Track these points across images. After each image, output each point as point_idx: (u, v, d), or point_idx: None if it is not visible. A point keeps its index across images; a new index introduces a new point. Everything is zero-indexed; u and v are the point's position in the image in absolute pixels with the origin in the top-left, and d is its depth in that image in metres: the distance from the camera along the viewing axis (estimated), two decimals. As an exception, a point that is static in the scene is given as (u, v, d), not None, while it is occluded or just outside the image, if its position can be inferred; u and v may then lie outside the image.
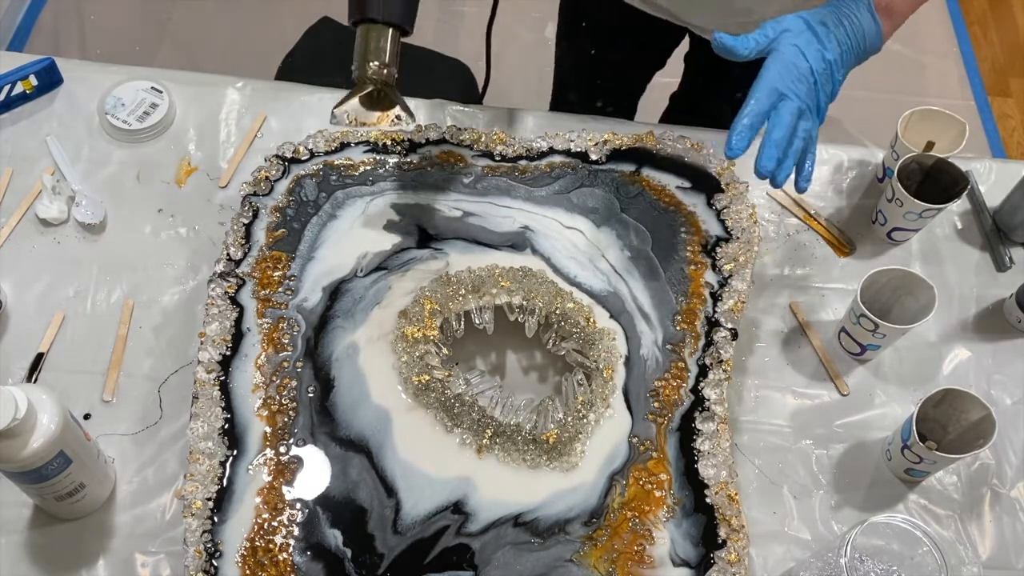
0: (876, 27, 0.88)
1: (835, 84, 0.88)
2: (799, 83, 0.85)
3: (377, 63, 0.90)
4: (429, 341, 0.93)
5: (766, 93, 0.85)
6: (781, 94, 0.85)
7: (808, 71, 0.85)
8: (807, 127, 0.86)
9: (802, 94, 0.85)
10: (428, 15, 1.18)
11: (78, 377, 0.95)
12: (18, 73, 1.10)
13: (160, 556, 0.86)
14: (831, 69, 0.87)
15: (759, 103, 0.84)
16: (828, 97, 0.88)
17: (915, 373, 1.01)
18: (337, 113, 0.92)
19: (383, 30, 0.90)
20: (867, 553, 0.84)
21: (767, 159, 0.84)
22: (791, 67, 0.85)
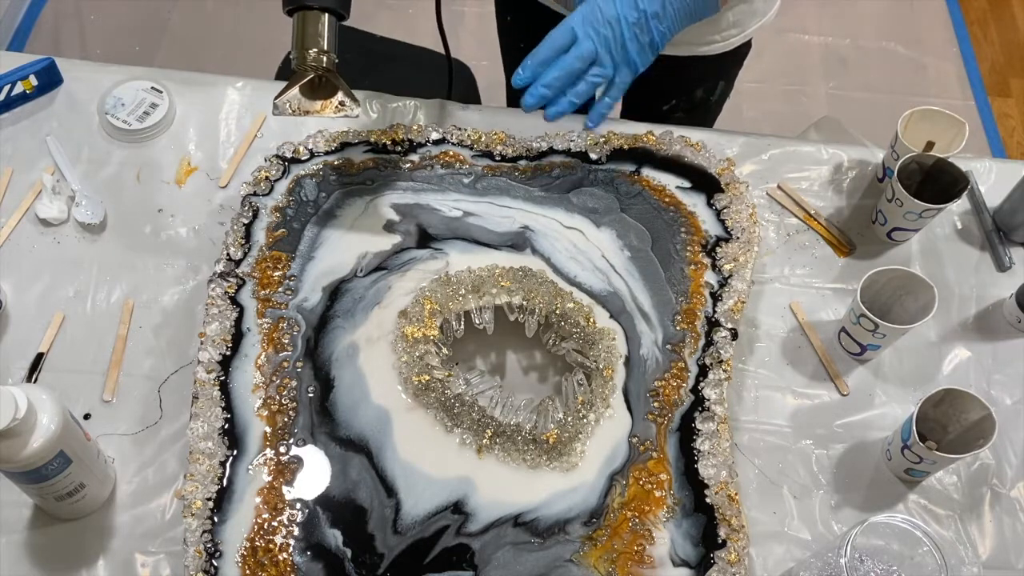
0: None
1: (654, 34, 0.89)
2: (601, 27, 0.88)
3: (315, 50, 0.90)
4: (429, 341, 0.93)
5: (560, 33, 0.88)
6: (576, 36, 0.88)
7: (614, 17, 0.87)
8: (601, 72, 0.89)
9: (601, 40, 0.88)
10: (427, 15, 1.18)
11: (78, 377, 0.95)
12: (18, 73, 1.10)
13: (160, 556, 0.86)
14: (645, 19, 0.88)
15: (551, 41, 0.88)
16: (643, 47, 0.90)
17: (915, 373, 1.01)
18: (278, 103, 0.92)
19: (319, 16, 0.90)
20: (867, 553, 0.84)
21: (529, 95, 0.89)
22: (596, 11, 0.87)
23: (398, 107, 1.14)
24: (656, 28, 0.89)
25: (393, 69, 1.56)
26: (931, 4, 2.56)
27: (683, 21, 0.91)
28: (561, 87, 0.90)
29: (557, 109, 0.91)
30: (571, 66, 0.89)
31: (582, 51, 0.88)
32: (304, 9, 0.89)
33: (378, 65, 1.56)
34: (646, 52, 0.91)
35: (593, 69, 0.89)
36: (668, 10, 0.89)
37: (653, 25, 0.88)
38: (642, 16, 0.88)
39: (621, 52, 0.89)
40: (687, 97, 1.24)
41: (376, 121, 1.13)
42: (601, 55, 0.89)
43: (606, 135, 1.08)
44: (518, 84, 0.90)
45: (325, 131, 1.06)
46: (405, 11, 2.37)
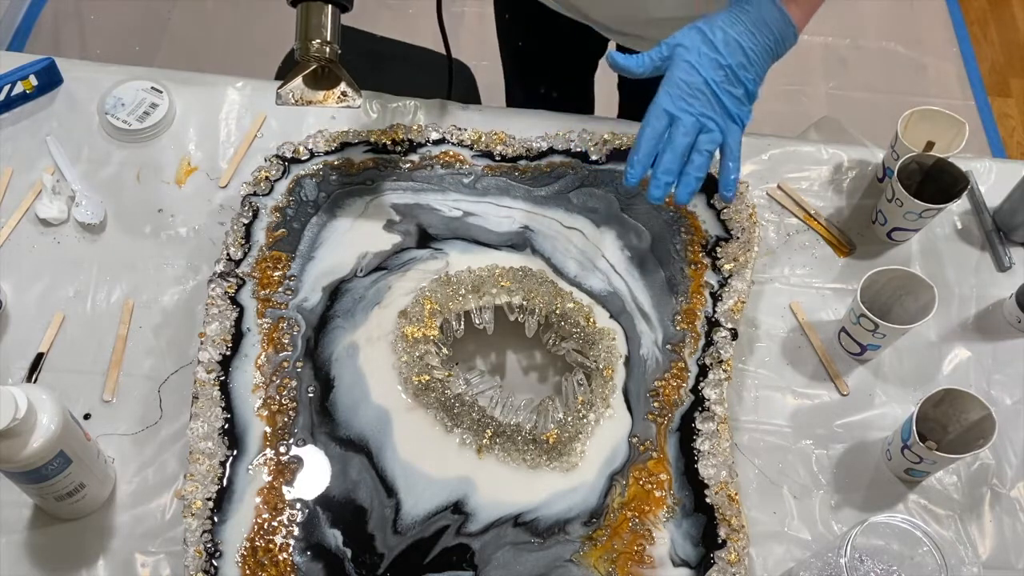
0: (781, 15, 0.87)
1: (747, 84, 0.87)
2: (692, 99, 0.85)
3: (319, 40, 0.90)
4: (429, 341, 0.93)
5: (655, 117, 0.86)
6: (672, 116, 0.85)
7: (702, 83, 0.85)
8: (711, 139, 0.86)
9: (697, 109, 0.85)
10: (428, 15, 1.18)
11: (78, 377, 0.95)
12: (18, 73, 1.10)
13: (160, 556, 0.86)
14: (733, 73, 0.86)
15: (651, 130, 0.86)
16: (741, 100, 0.87)
17: (915, 373, 1.01)
18: (282, 93, 0.92)
19: (322, 7, 0.90)
20: (867, 553, 0.84)
21: (654, 188, 0.86)
22: (681, 85, 0.85)
23: (398, 107, 1.14)
24: (746, 78, 0.87)
25: (393, 69, 1.55)
26: (931, 4, 2.56)
27: (768, 62, 0.89)
28: (679, 169, 0.87)
29: (687, 190, 0.87)
30: (681, 144, 0.86)
31: (686, 126, 0.85)
32: (308, 0, 0.90)
33: (378, 65, 1.56)
34: (743, 103, 0.88)
35: (702, 138, 0.86)
36: (752, 57, 0.87)
37: (742, 76, 0.86)
38: (728, 72, 0.86)
39: (722, 112, 0.87)
40: None
41: (376, 121, 1.13)
42: (704, 123, 0.86)
43: (606, 135, 1.08)
44: (632, 183, 0.87)
45: (325, 131, 1.06)
46: (405, 11, 2.37)
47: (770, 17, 0.87)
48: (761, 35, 0.87)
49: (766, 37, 0.87)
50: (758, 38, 0.87)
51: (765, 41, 0.87)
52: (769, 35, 0.87)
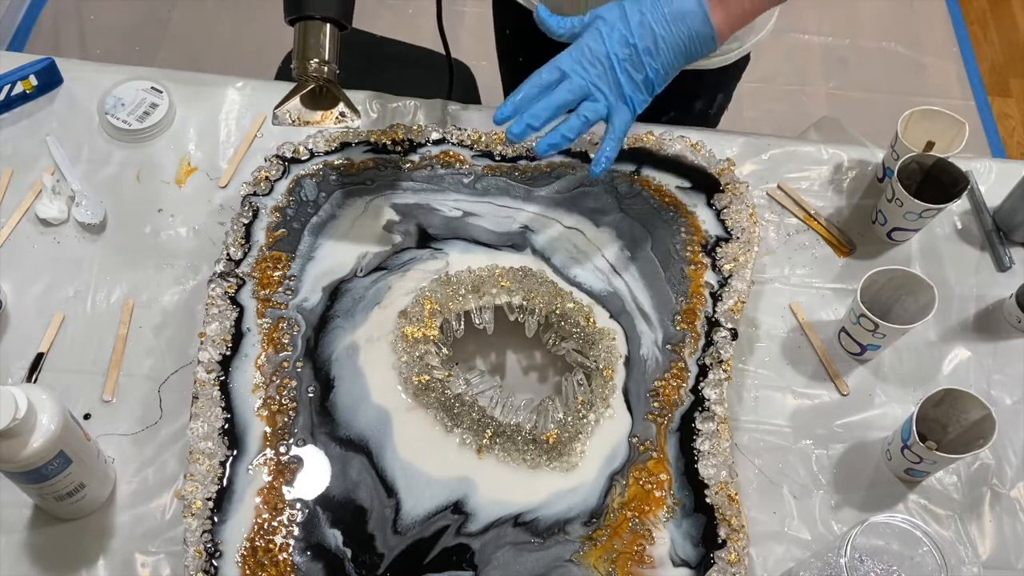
0: (700, 10, 0.86)
1: (647, 71, 0.86)
2: (590, 66, 0.85)
3: (317, 60, 0.89)
4: (429, 341, 0.93)
5: (548, 69, 0.86)
6: (564, 73, 0.86)
7: (604, 55, 0.85)
8: (594, 108, 0.86)
9: (591, 76, 0.85)
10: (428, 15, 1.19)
11: (78, 377, 0.95)
12: (18, 73, 1.10)
13: (160, 556, 0.86)
14: (637, 54, 0.86)
15: (538, 78, 0.86)
16: (638, 85, 0.87)
17: (915, 373, 1.01)
18: (278, 113, 0.91)
19: (321, 26, 0.89)
20: (867, 553, 0.84)
21: (515, 125, 0.86)
22: (585, 50, 0.86)
23: (398, 107, 1.14)
24: (649, 64, 0.86)
25: (393, 69, 1.56)
26: (931, 4, 2.57)
27: (678, 58, 0.88)
28: (549, 119, 0.87)
29: (549, 140, 0.87)
30: (560, 99, 0.86)
31: (572, 85, 0.86)
32: (306, 19, 0.89)
33: (378, 65, 1.56)
34: (641, 90, 0.88)
35: (585, 104, 0.86)
36: (661, 46, 0.86)
37: (646, 61, 0.86)
38: (633, 52, 0.86)
39: (615, 88, 0.87)
40: (685, 109, 1.24)
41: (376, 121, 1.13)
42: (592, 91, 0.86)
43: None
44: (498, 120, 0.87)
45: (325, 131, 1.06)
46: (405, 11, 2.37)
47: (688, 10, 0.86)
48: (676, 27, 0.86)
49: (680, 30, 0.86)
50: (672, 29, 0.86)
51: (679, 33, 0.86)
52: (684, 29, 0.86)
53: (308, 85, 0.90)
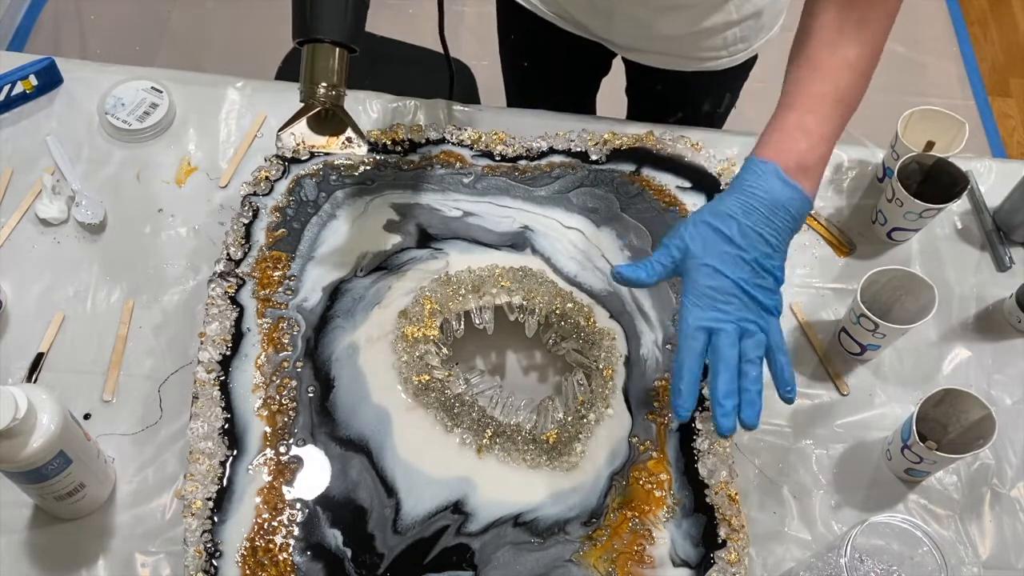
0: (797, 194, 0.79)
1: (774, 272, 0.79)
2: (725, 305, 0.77)
3: (325, 84, 0.86)
4: (429, 341, 0.93)
5: (692, 336, 0.77)
6: (710, 330, 0.77)
7: (731, 285, 0.77)
8: (757, 343, 0.77)
9: (733, 316, 0.77)
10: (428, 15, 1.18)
11: (78, 377, 0.95)
12: (18, 73, 1.10)
13: (160, 556, 0.86)
14: (759, 265, 0.78)
15: (689, 352, 0.77)
16: (771, 289, 0.79)
17: (915, 373, 1.01)
18: (283, 136, 0.89)
19: (331, 50, 0.86)
20: (867, 553, 0.84)
21: (722, 418, 0.75)
22: (709, 292, 0.77)
23: (398, 107, 1.14)
24: (772, 266, 0.78)
25: (393, 69, 1.56)
26: (931, 4, 2.56)
27: (789, 240, 0.80)
28: (737, 386, 0.77)
29: (755, 410, 0.77)
30: (732, 360, 0.76)
31: (730, 337, 0.76)
32: (315, 42, 0.86)
33: (378, 65, 1.56)
34: (774, 293, 0.79)
35: (747, 345, 0.77)
36: (774, 244, 0.78)
37: (768, 265, 0.78)
38: (754, 266, 0.77)
39: (757, 310, 0.78)
40: (694, 110, 1.24)
41: (376, 121, 1.13)
42: (745, 327, 0.77)
43: (606, 135, 1.08)
44: (686, 417, 0.77)
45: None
46: (405, 11, 2.37)
47: (785, 198, 0.78)
48: (779, 219, 0.78)
49: (784, 220, 0.78)
50: (776, 223, 0.78)
51: (784, 224, 0.79)
52: (787, 217, 0.79)
53: (314, 108, 0.88)
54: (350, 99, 1.12)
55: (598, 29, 1.14)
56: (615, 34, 1.13)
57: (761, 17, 1.09)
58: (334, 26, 0.86)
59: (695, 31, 1.08)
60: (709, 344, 0.77)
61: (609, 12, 1.09)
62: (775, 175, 0.79)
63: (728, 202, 0.79)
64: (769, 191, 0.78)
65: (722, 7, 1.06)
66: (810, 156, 0.80)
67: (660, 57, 1.14)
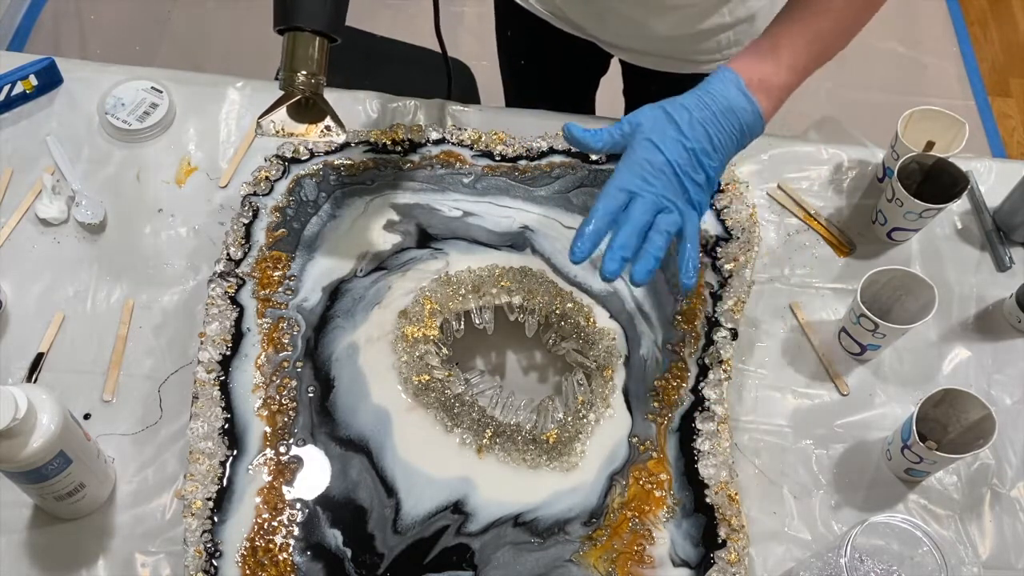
0: (751, 105, 0.83)
1: (708, 171, 0.83)
2: (654, 178, 0.81)
3: (305, 72, 0.86)
4: (429, 341, 0.93)
5: (612, 194, 0.80)
6: (631, 192, 0.81)
7: (664, 163, 0.81)
8: (671, 220, 0.81)
9: (659, 189, 0.81)
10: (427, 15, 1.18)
11: (78, 377, 0.95)
12: (18, 73, 1.10)
13: (160, 556, 0.86)
14: (696, 157, 0.82)
15: (605, 205, 0.80)
16: (702, 186, 0.83)
17: (915, 373, 1.01)
18: (263, 123, 0.89)
19: (310, 39, 0.86)
20: (867, 553, 0.84)
21: (609, 261, 0.79)
22: (643, 163, 0.81)
23: (398, 107, 1.14)
24: (708, 164, 0.82)
25: (393, 69, 1.56)
26: (931, 4, 2.56)
27: (733, 151, 0.85)
28: (637, 246, 0.80)
29: (646, 267, 0.80)
30: (640, 221, 0.80)
31: (646, 203, 0.80)
32: (295, 30, 0.87)
33: (378, 65, 1.56)
34: (704, 190, 0.83)
35: (661, 218, 0.81)
36: (716, 143, 0.83)
37: (704, 162, 0.82)
38: (691, 156, 0.82)
39: (683, 196, 0.82)
40: None
41: (376, 121, 1.13)
42: (664, 204, 0.81)
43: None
44: (578, 259, 0.80)
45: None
46: (405, 11, 2.37)
47: (738, 106, 0.83)
48: (727, 123, 0.83)
49: (732, 125, 0.83)
50: (724, 125, 0.83)
51: (731, 129, 0.83)
52: (735, 124, 0.83)
53: (294, 96, 0.88)
54: (350, 99, 1.13)
55: (592, 29, 1.14)
56: (609, 34, 1.13)
57: (755, 21, 1.09)
58: (314, 14, 0.86)
59: (689, 33, 1.08)
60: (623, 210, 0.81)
61: (603, 12, 1.10)
62: (735, 84, 0.84)
63: (686, 97, 0.84)
64: (726, 96, 0.83)
65: (716, 10, 1.06)
66: (774, 78, 0.85)
67: (654, 59, 1.14)
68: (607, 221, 0.80)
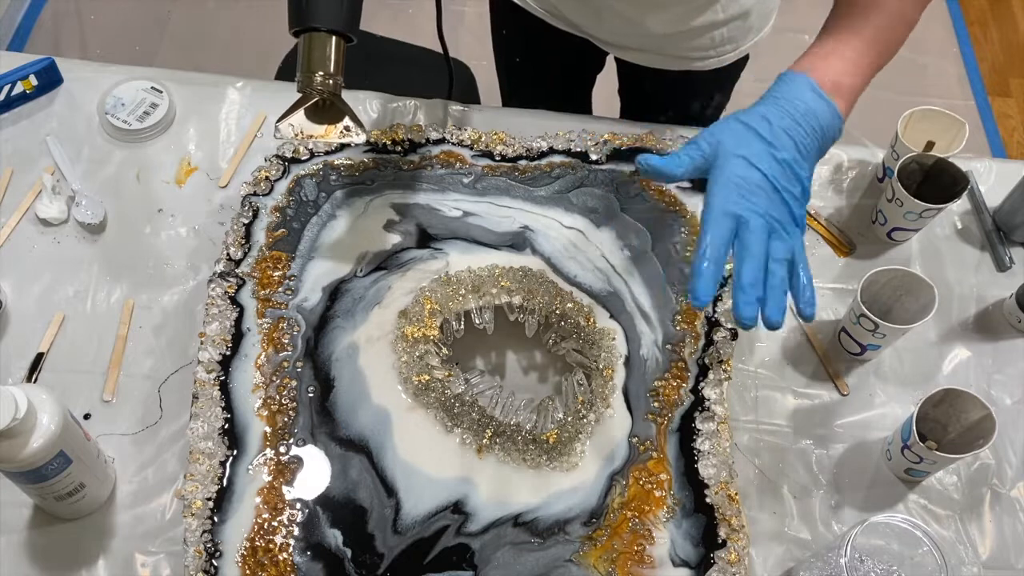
0: (829, 108, 0.79)
1: (803, 182, 0.77)
2: (755, 197, 0.74)
3: (323, 73, 0.86)
4: (429, 341, 0.93)
5: (718, 221, 0.73)
6: (738, 217, 0.74)
7: (761, 179, 0.75)
8: (785, 246, 0.75)
9: (762, 208, 0.74)
10: (428, 15, 1.18)
11: (78, 377, 0.95)
12: (18, 73, 1.10)
13: (160, 556, 0.86)
14: (790, 168, 0.76)
15: (715, 236, 0.73)
16: (799, 199, 0.77)
17: (915, 373, 1.01)
18: (281, 127, 0.89)
19: (327, 39, 0.86)
20: (867, 553, 0.84)
21: (744, 306, 0.72)
22: (740, 182, 0.74)
23: (398, 107, 1.14)
24: (801, 174, 0.77)
25: (393, 69, 1.55)
26: (931, 4, 2.56)
27: (817, 157, 0.80)
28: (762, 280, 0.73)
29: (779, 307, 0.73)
30: (759, 251, 0.73)
31: (758, 230, 0.73)
32: (311, 31, 0.86)
33: (378, 65, 1.56)
34: (802, 204, 0.77)
35: (775, 246, 0.74)
36: (803, 151, 0.77)
37: (798, 171, 0.77)
38: (785, 166, 0.76)
39: (787, 213, 0.76)
40: (682, 110, 1.24)
41: (376, 121, 1.13)
42: (772, 225, 0.74)
43: (606, 135, 1.08)
44: (703, 303, 0.73)
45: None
46: (405, 11, 2.37)
47: (818, 109, 0.78)
48: (809, 127, 0.78)
49: (814, 129, 0.78)
50: (806, 131, 0.78)
51: (813, 133, 0.78)
52: (817, 127, 0.78)
53: (312, 98, 0.87)
54: (350, 99, 1.12)
55: (587, 26, 1.14)
56: (604, 31, 1.14)
57: (748, 18, 1.09)
58: (330, 14, 0.86)
59: (682, 30, 1.08)
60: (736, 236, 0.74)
61: (598, 9, 1.10)
62: (808, 86, 0.79)
63: (759, 107, 0.78)
64: (802, 99, 0.78)
65: (709, 7, 1.06)
66: (845, 79, 0.80)
67: (648, 56, 1.14)
68: (722, 252, 0.73)
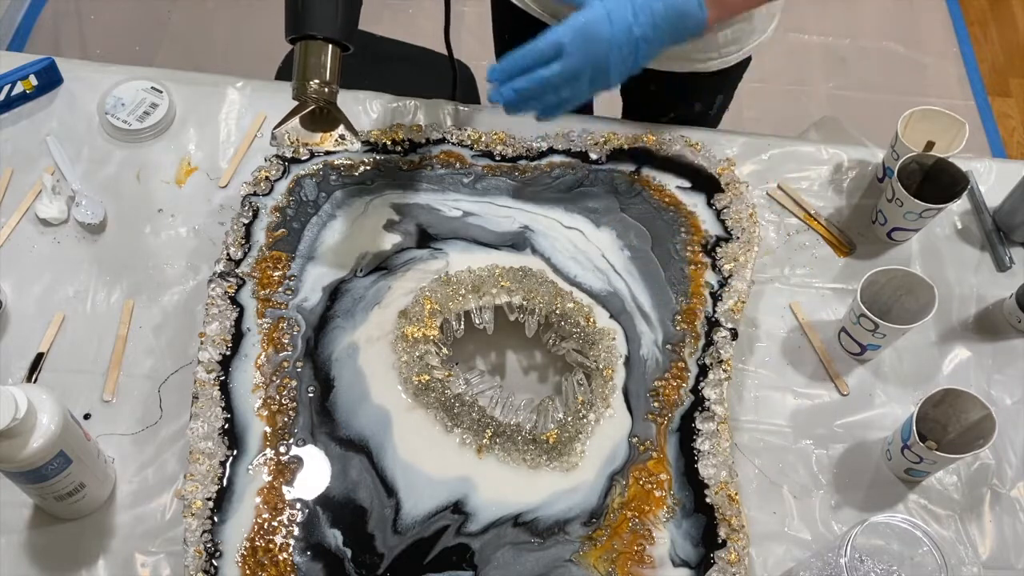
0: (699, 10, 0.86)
1: (639, 58, 0.86)
2: (592, 46, 0.84)
3: (318, 81, 0.86)
4: (429, 341, 0.93)
5: (548, 44, 0.84)
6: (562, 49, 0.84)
7: (606, 40, 0.84)
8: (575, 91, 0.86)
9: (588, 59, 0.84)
10: (428, 15, 1.18)
11: (78, 377, 0.95)
12: (18, 73, 1.10)
13: (160, 556, 0.86)
14: (636, 47, 0.85)
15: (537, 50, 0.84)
16: (624, 73, 0.86)
17: (915, 373, 1.01)
18: (277, 134, 0.89)
19: (323, 47, 0.86)
20: (867, 553, 0.84)
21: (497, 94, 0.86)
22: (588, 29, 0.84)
23: (398, 107, 1.14)
24: (642, 51, 0.86)
25: (393, 69, 1.55)
26: (931, 4, 2.56)
27: (667, 43, 0.88)
28: (531, 96, 0.87)
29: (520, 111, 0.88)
30: (549, 81, 0.85)
31: (566, 69, 0.85)
32: (307, 39, 0.86)
33: (378, 65, 1.56)
34: (623, 77, 0.88)
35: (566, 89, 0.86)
36: (655, 34, 0.86)
37: (641, 48, 0.86)
38: (633, 43, 0.85)
39: (602, 76, 0.86)
40: (685, 111, 1.24)
41: (376, 121, 1.13)
42: (582, 74, 0.85)
43: (606, 135, 1.08)
44: (491, 79, 0.87)
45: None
46: (405, 11, 2.37)
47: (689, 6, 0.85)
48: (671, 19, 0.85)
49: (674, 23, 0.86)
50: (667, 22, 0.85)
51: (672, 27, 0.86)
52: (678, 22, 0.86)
53: (308, 106, 0.87)
54: (350, 99, 1.13)
55: None
56: None
57: (752, 20, 1.09)
58: (326, 22, 0.86)
59: None
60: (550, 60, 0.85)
61: None
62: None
63: None
64: None
65: None
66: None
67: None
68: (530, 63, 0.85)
